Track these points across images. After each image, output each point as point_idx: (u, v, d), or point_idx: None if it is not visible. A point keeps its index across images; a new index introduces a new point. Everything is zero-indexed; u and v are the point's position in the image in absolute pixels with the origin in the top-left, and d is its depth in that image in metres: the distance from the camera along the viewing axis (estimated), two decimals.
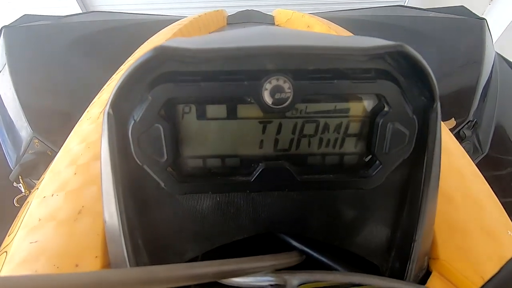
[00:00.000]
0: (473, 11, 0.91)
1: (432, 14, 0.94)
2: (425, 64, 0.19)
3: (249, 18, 0.91)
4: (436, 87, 0.20)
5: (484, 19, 0.83)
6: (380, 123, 0.20)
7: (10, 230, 0.29)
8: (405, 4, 2.33)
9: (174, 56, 0.18)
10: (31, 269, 0.22)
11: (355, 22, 0.98)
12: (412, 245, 0.22)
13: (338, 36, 0.25)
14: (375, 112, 0.21)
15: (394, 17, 0.96)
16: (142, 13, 1.13)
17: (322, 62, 0.19)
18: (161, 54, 0.17)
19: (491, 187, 0.30)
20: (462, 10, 0.91)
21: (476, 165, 0.33)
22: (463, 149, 0.36)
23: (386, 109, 0.20)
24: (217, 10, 0.85)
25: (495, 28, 2.21)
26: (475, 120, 0.65)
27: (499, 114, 0.72)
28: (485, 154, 0.66)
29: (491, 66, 0.75)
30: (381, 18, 0.97)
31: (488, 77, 0.73)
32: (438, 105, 0.20)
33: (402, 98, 0.20)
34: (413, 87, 0.20)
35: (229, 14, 0.93)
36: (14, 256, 0.23)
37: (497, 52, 0.84)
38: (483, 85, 0.70)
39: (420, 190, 0.22)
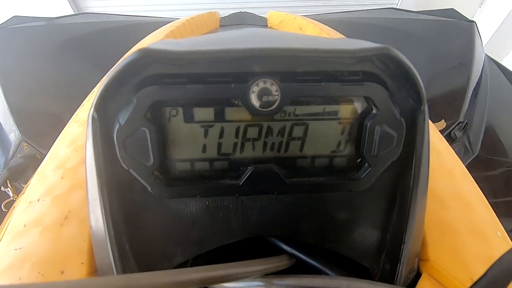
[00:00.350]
0: (464, 14, 0.93)
1: (423, 16, 0.95)
2: (411, 67, 0.19)
3: (242, 20, 0.91)
4: (423, 89, 0.20)
5: (473, 21, 0.84)
6: (368, 126, 0.20)
7: None
8: (397, 7, 2.36)
9: (158, 58, 0.18)
10: (15, 276, 0.22)
11: (348, 25, 0.99)
12: (402, 247, 0.22)
13: (327, 38, 0.25)
14: (364, 115, 0.21)
15: (386, 20, 0.97)
16: (134, 15, 1.13)
17: (309, 64, 0.19)
18: (146, 56, 0.17)
19: (482, 188, 0.31)
20: (452, 13, 0.93)
21: (467, 166, 0.33)
22: (452, 150, 0.36)
23: (374, 111, 0.20)
24: (210, 12, 0.85)
25: (486, 31, 2.25)
26: (466, 121, 0.66)
27: (489, 115, 0.74)
28: (475, 155, 0.67)
29: (481, 68, 0.76)
30: (373, 20, 0.98)
31: (478, 78, 0.74)
32: (426, 107, 0.20)
33: (389, 101, 0.20)
34: (400, 89, 0.20)
35: (222, 16, 0.93)
36: None
37: (486, 54, 0.85)
38: (473, 86, 0.71)
39: (409, 191, 0.22)
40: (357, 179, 0.22)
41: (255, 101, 0.19)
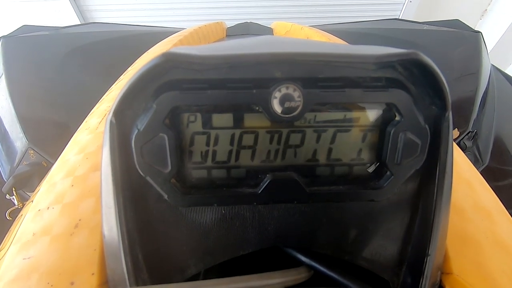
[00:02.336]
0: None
1: (427, 27, 0.96)
2: (439, 72, 0.18)
3: (248, 30, 0.92)
4: (449, 95, 0.19)
5: (479, 32, 0.84)
6: (391, 133, 0.20)
7: (1, 245, 0.28)
8: (400, 18, 2.39)
9: (182, 63, 0.17)
10: (23, 287, 0.21)
11: (353, 35, 0.99)
12: (425, 259, 0.21)
13: (348, 44, 0.24)
14: (386, 122, 0.20)
15: (391, 30, 0.97)
16: (140, 25, 1.14)
17: (332, 70, 0.18)
18: (169, 60, 0.17)
19: None
20: (457, 24, 0.93)
21: None
22: (468, 159, 0.35)
23: (397, 118, 0.20)
24: (217, 22, 0.86)
25: (488, 41, 2.27)
26: (475, 131, 0.65)
27: (498, 124, 0.73)
28: (485, 165, 0.66)
29: (488, 77, 0.76)
30: (378, 31, 0.99)
31: (486, 88, 0.73)
32: (450, 114, 0.20)
33: (414, 107, 0.19)
34: (424, 96, 0.20)
35: (228, 27, 0.94)
36: (5, 274, 0.22)
37: (492, 64, 0.85)
38: (481, 95, 0.71)
39: (432, 201, 0.21)
40: (379, 188, 0.21)
41: (276, 107, 0.19)
